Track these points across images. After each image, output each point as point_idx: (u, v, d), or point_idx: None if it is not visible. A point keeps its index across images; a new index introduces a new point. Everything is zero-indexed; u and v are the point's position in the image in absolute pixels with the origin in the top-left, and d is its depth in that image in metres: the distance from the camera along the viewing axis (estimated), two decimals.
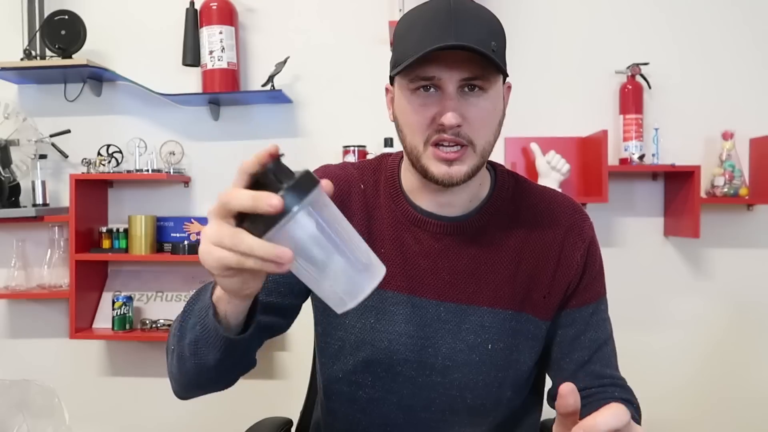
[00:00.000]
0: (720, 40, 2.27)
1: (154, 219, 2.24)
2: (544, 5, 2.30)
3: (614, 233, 2.31)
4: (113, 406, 2.38)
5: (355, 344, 0.94)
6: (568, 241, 0.95)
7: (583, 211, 0.99)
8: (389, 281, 0.92)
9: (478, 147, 0.85)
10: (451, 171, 0.85)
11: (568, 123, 2.28)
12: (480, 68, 0.82)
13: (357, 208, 0.96)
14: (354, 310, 0.93)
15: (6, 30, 2.34)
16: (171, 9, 2.31)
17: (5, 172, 2.23)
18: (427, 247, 0.93)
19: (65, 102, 2.35)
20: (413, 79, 0.83)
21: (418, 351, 0.93)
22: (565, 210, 0.97)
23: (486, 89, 0.84)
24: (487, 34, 0.81)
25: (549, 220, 0.96)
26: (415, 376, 0.94)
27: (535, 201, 0.98)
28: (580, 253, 0.95)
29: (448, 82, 0.82)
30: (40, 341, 2.39)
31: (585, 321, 0.96)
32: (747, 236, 2.29)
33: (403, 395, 0.95)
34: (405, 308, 0.93)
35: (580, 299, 0.96)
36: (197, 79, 2.31)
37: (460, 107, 0.82)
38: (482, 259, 0.94)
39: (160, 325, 2.23)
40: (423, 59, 0.79)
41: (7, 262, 2.31)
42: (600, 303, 0.99)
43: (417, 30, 0.82)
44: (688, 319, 2.30)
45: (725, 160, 2.18)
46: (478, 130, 0.84)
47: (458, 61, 0.81)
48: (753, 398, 2.29)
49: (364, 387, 0.95)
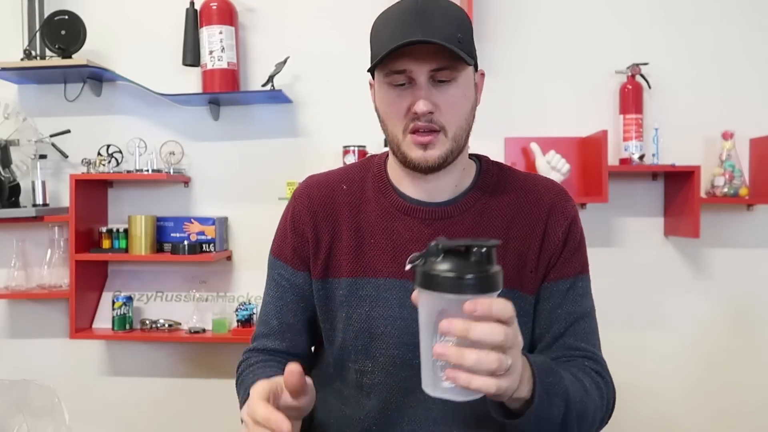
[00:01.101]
0: (720, 40, 2.27)
1: (154, 219, 2.24)
2: (544, 5, 2.30)
3: (614, 233, 2.31)
4: (113, 406, 2.38)
5: (355, 334, 0.98)
6: (552, 218, 0.99)
7: (565, 192, 1.04)
8: (381, 269, 0.97)
9: (450, 132, 0.92)
10: (426, 155, 0.92)
11: (568, 123, 2.28)
12: (447, 59, 0.88)
13: (343, 205, 1.02)
14: (350, 303, 0.97)
15: (6, 30, 2.34)
16: (171, 9, 2.31)
17: (5, 172, 2.23)
18: (417, 233, 0.98)
19: (65, 102, 2.35)
20: (388, 73, 0.91)
21: (413, 333, 0.93)
22: (549, 190, 1.02)
23: (455, 78, 0.90)
24: (452, 27, 0.88)
25: (533, 199, 1.00)
26: (412, 358, 0.95)
27: (519, 183, 1.03)
28: (562, 229, 0.99)
29: (418, 73, 0.89)
30: (40, 341, 2.39)
31: (562, 294, 0.99)
32: (747, 236, 2.29)
33: (402, 377, 0.97)
34: (398, 293, 0.96)
35: (557, 273, 0.99)
36: (197, 79, 2.31)
37: (431, 96, 0.89)
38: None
39: (160, 325, 2.23)
40: (394, 54, 0.87)
41: (7, 262, 2.31)
42: (578, 279, 1.01)
43: (388, 28, 0.90)
44: (687, 319, 2.30)
45: (725, 160, 2.18)
46: (449, 116, 0.91)
47: (427, 53, 0.87)
48: (753, 397, 2.29)
49: (366, 373, 0.98)
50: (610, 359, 1.05)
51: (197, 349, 2.36)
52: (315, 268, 1.01)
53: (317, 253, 1.01)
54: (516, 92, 2.30)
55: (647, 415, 2.28)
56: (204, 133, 2.36)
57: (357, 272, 0.98)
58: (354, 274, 0.98)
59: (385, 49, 0.87)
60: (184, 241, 2.24)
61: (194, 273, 2.33)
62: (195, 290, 2.29)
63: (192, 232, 2.27)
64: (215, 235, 2.24)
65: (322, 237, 1.01)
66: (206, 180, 2.37)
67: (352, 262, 0.99)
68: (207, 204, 2.36)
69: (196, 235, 2.26)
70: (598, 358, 1.00)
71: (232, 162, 2.35)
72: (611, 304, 2.27)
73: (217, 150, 2.36)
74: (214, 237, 2.24)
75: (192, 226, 2.27)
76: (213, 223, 2.24)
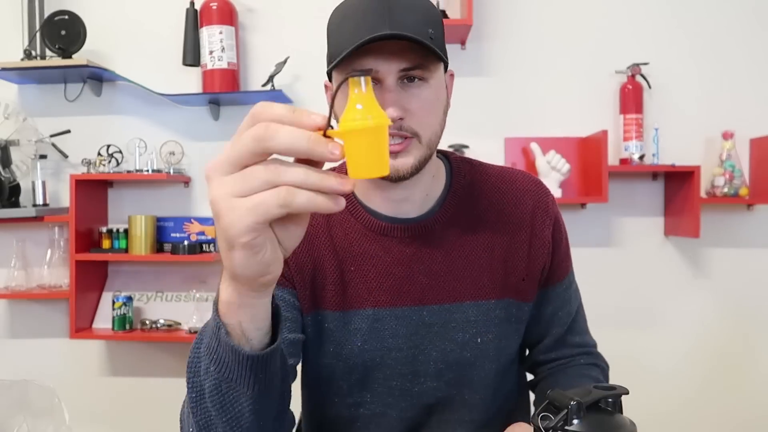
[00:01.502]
0: (720, 40, 2.27)
1: (154, 219, 2.24)
2: (544, 5, 2.30)
3: (614, 233, 2.31)
4: (113, 406, 2.38)
5: (347, 368, 0.92)
6: (537, 219, 0.94)
7: (542, 184, 0.99)
8: (368, 299, 0.90)
9: (424, 138, 0.83)
10: (396, 164, 0.82)
11: (568, 123, 2.28)
12: (419, 57, 0.80)
13: (317, 228, 0.91)
14: (340, 335, 0.89)
15: (6, 30, 2.34)
16: (171, 9, 2.31)
17: (5, 172, 2.23)
18: (398, 254, 0.90)
19: (65, 102, 2.35)
20: (350, 73, 0.83)
21: (410, 362, 0.92)
22: (528, 187, 0.96)
23: (426, 79, 0.82)
24: (423, 22, 0.79)
25: (514, 199, 0.95)
26: (411, 387, 0.93)
27: (495, 183, 0.96)
28: (549, 230, 0.95)
29: (387, 74, 0.80)
30: (40, 341, 2.39)
31: (560, 297, 0.99)
32: (747, 236, 2.29)
33: (402, 408, 0.93)
34: (389, 322, 0.90)
35: (554, 277, 0.98)
36: (197, 79, 2.31)
37: (400, 99, 0.80)
38: (456, 254, 0.92)
39: (160, 325, 2.23)
40: (359, 51, 0.77)
41: (7, 262, 2.31)
42: (570, 275, 1.01)
43: (351, 21, 0.80)
44: (688, 319, 2.29)
45: (725, 160, 2.18)
46: (422, 121, 0.82)
47: (396, 51, 0.78)
48: (753, 397, 2.29)
49: (363, 404, 0.94)
50: (609, 359, 1.07)
51: None
52: (303, 300, 0.90)
53: (302, 283, 0.90)
54: (516, 92, 2.30)
55: (647, 415, 2.28)
56: (204, 133, 2.36)
57: (343, 305, 0.90)
58: (340, 308, 0.90)
59: (348, 45, 0.77)
60: (184, 241, 2.24)
61: (194, 273, 2.33)
62: (195, 290, 2.29)
63: (192, 232, 2.27)
64: (215, 235, 2.24)
65: (304, 266, 0.90)
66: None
67: (337, 294, 0.90)
68: (207, 204, 2.36)
69: (196, 235, 2.26)
70: (592, 347, 1.04)
71: None
72: (611, 304, 2.27)
73: (217, 150, 2.35)
74: (214, 237, 2.24)
75: (192, 226, 2.27)
76: (213, 223, 2.24)
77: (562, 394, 0.62)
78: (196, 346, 0.65)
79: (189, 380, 0.64)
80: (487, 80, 2.28)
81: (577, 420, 0.60)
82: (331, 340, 0.91)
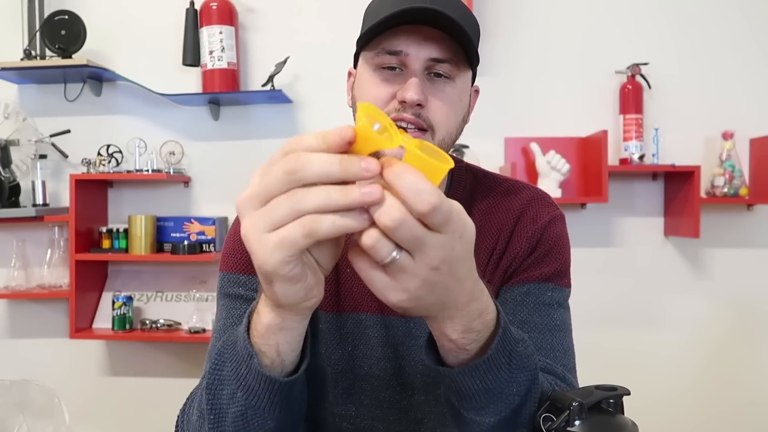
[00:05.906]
0: (720, 40, 2.27)
1: (154, 219, 2.24)
2: (544, 5, 2.30)
3: (614, 233, 2.31)
4: (113, 406, 2.38)
5: (334, 375, 0.87)
6: (520, 224, 0.87)
7: (544, 197, 0.91)
8: (361, 303, 0.87)
9: (438, 135, 0.79)
10: None
11: (568, 123, 2.28)
12: (450, 50, 0.77)
13: None
14: (332, 339, 0.86)
15: (6, 30, 2.34)
16: (171, 9, 2.31)
17: (5, 172, 2.23)
18: None
19: (65, 102, 2.35)
20: (379, 52, 0.78)
21: (398, 374, 0.88)
22: (524, 197, 0.90)
23: (453, 78, 0.79)
24: (464, 16, 0.76)
25: (505, 205, 0.89)
26: (399, 400, 0.88)
27: (494, 189, 0.91)
28: (528, 235, 0.86)
29: (414, 59, 0.77)
30: (40, 341, 2.39)
31: (517, 301, 0.84)
32: (747, 236, 2.29)
33: (390, 422, 0.89)
34: (379, 330, 0.87)
35: (515, 279, 0.86)
36: (197, 79, 2.31)
37: (424, 88, 0.77)
38: None
39: (160, 325, 2.23)
40: (391, 30, 0.74)
41: (7, 262, 2.31)
42: (543, 287, 0.85)
43: (389, 4, 0.76)
44: (687, 319, 2.30)
45: (725, 160, 2.18)
46: (440, 116, 0.78)
47: (429, 37, 0.76)
48: (753, 398, 2.29)
49: (348, 418, 0.88)
50: (609, 359, 1.03)
51: (197, 349, 2.36)
52: None
53: None
54: (516, 92, 2.30)
55: (647, 415, 2.27)
56: (204, 133, 2.36)
57: (337, 307, 0.87)
58: (334, 310, 0.87)
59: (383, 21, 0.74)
60: (184, 241, 2.24)
61: (194, 273, 2.33)
62: (195, 290, 2.29)
63: (192, 232, 2.27)
64: (215, 235, 2.24)
65: None
66: (206, 180, 2.36)
67: (331, 295, 0.87)
68: (207, 204, 2.36)
69: (196, 235, 2.26)
70: (567, 379, 0.80)
71: (232, 162, 2.35)
72: (611, 304, 2.27)
73: (217, 150, 2.36)
74: (214, 237, 2.24)
75: (192, 226, 2.27)
76: (213, 223, 2.24)
77: (564, 395, 0.62)
78: (217, 368, 0.64)
79: (208, 402, 0.64)
80: (487, 80, 2.27)
81: (578, 421, 0.60)
82: (323, 342, 0.88)
